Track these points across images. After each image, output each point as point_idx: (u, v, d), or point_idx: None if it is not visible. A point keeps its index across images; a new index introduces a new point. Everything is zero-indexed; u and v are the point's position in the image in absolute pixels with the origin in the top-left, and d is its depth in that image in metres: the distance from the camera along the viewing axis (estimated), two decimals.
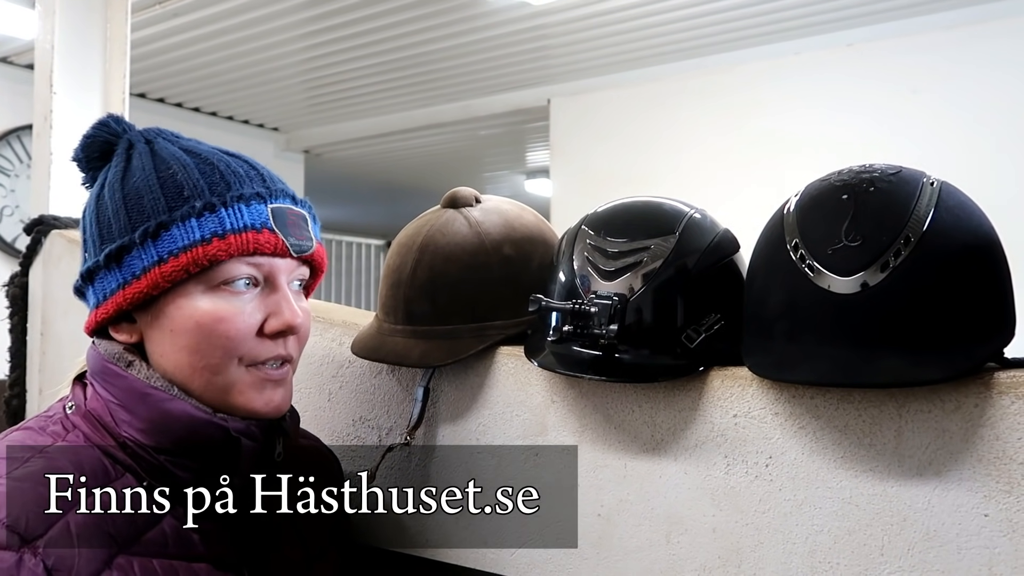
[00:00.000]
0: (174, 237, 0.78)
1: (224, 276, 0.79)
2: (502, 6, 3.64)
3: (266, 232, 0.81)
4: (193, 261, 0.78)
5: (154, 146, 0.85)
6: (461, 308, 1.03)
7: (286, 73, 4.59)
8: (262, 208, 0.82)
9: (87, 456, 0.76)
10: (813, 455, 0.82)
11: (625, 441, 0.93)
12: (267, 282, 0.83)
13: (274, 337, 0.82)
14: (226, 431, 0.79)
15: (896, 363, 0.73)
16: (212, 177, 0.81)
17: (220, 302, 0.80)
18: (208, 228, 0.78)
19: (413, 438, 1.04)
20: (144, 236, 0.78)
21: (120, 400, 0.79)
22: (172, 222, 0.78)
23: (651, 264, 0.90)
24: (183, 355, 0.80)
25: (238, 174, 0.83)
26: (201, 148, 0.86)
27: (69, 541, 0.70)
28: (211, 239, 0.78)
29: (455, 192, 1.10)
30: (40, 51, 1.80)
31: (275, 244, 0.82)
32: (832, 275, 0.77)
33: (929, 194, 0.78)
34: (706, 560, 0.88)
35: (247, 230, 0.80)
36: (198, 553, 0.79)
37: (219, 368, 0.80)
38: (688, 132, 4.27)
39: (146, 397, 0.78)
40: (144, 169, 0.82)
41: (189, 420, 0.78)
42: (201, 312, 0.79)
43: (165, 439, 0.78)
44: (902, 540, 0.77)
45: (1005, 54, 3.49)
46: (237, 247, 0.79)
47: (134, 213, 0.80)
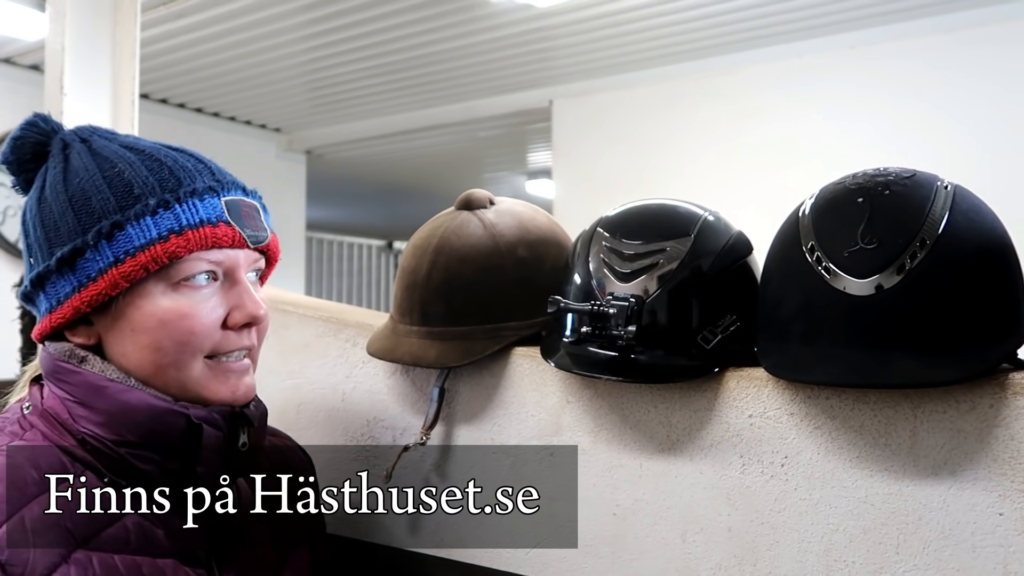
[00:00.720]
0: (130, 236, 0.77)
1: (184, 273, 0.79)
2: (505, 7, 3.65)
3: (222, 225, 0.81)
4: (152, 259, 0.77)
5: (92, 144, 0.84)
6: (476, 309, 1.04)
7: (288, 74, 4.60)
8: (216, 202, 0.82)
9: (44, 454, 0.76)
10: (828, 455, 0.83)
11: (641, 441, 0.94)
12: (227, 276, 0.83)
13: (238, 330, 0.83)
14: (187, 418, 0.79)
15: (911, 364, 0.74)
16: (161, 173, 0.81)
17: (181, 299, 0.80)
18: (164, 225, 0.78)
19: (429, 438, 1.05)
20: (98, 237, 0.77)
21: (76, 396, 0.78)
22: (126, 221, 0.77)
23: (667, 266, 0.91)
24: (146, 353, 0.79)
25: (187, 169, 0.82)
26: (142, 144, 0.85)
27: (24, 537, 0.70)
28: (168, 236, 0.78)
29: (469, 194, 1.11)
30: (51, 53, 1.80)
31: (232, 237, 0.82)
32: (848, 277, 0.78)
33: (944, 197, 0.79)
34: (721, 559, 0.89)
35: (203, 225, 0.80)
36: (163, 549, 0.79)
37: (183, 364, 0.80)
38: (691, 134, 4.29)
39: (102, 390, 0.78)
40: (87, 169, 0.81)
41: (149, 409, 0.78)
42: (163, 310, 0.79)
43: (126, 431, 0.77)
44: (917, 539, 0.78)
45: (1007, 58, 3.50)
46: (196, 242, 0.79)
47: (82, 214, 0.78)
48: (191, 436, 0.79)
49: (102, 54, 1.82)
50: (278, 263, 0.95)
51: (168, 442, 0.79)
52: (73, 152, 0.83)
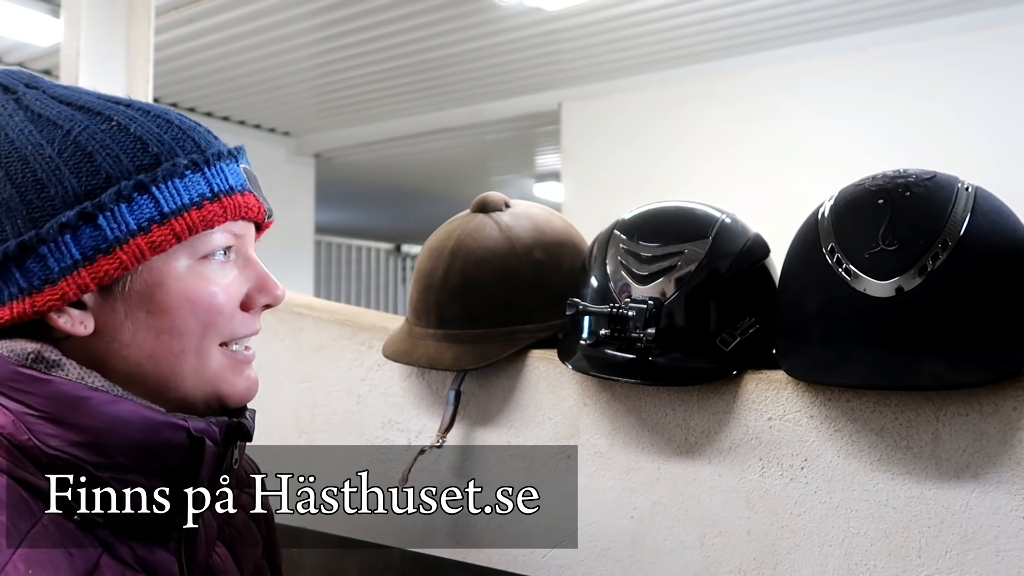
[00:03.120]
0: (157, 201, 0.65)
1: (210, 245, 0.69)
2: (515, 11, 3.65)
3: (248, 195, 0.71)
4: (186, 227, 0.66)
5: (52, 92, 0.69)
6: (493, 312, 1.04)
7: (297, 78, 4.62)
8: (237, 168, 0.71)
9: (2, 489, 0.60)
10: (849, 458, 0.83)
11: (659, 444, 0.94)
12: (239, 252, 0.72)
13: (253, 313, 0.73)
14: (187, 432, 0.66)
15: (935, 366, 0.74)
16: (172, 132, 0.69)
17: (208, 274, 0.69)
18: (196, 190, 0.67)
19: (445, 440, 1.05)
20: (116, 199, 0.64)
21: (44, 411, 0.62)
22: (151, 183, 0.65)
23: (685, 268, 0.90)
24: (165, 339, 0.67)
25: (198, 130, 0.71)
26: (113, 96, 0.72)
27: None
28: (202, 203, 0.67)
29: (485, 197, 1.11)
30: (66, 58, 1.82)
31: (258, 208, 0.72)
32: (869, 279, 0.77)
33: (965, 199, 0.79)
34: (741, 562, 0.88)
35: (233, 192, 0.70)
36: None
37: (204, 351, 0.69)
38: (700, 136, 4.28)
39: (82, 402, 0.62)
40: (72, 118, 0.66)
41: (144, 423, 0.64)
42: (191, 288, 0.67)
43: (113, 451, 0.63)
44: (940, 542, 0.78)
45: (1018, 59, 3.48)
46: (232, 212, 0.69)
47: (83, 173, 0.64)
48: (191, 452, 0.66)
49: (116, 58, 1.83)
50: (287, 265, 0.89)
51: (165, 462, 0.65)
52: (29, 99, 0.68)
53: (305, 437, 1.24)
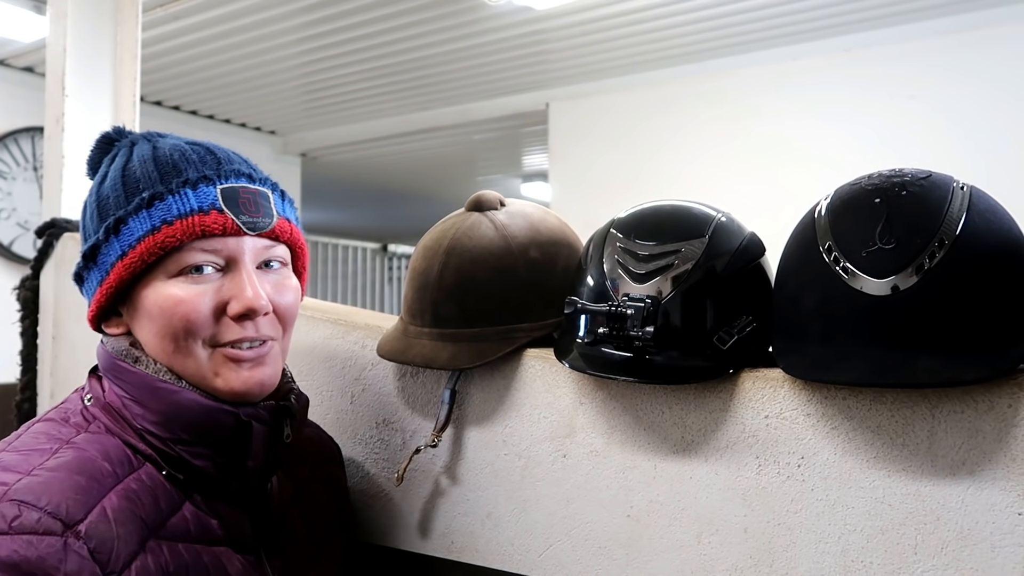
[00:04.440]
0: (131, 229, 0.81)
1: (181, 262, 0.81)
2: (502, 10, 3.65)
3: (214, 213, 0.81)
4: (147, 251, 0.80)
5: (133, 148, 0.87)
6: (488, 311, 1.03)
7: (284, 76, 4.59)
8: (210, 190, 0.82)
9: (112, 445, 0.79)
10: (846, 455, 0.83)
11: (655, 442, 0.94)
12: (229, 264, 0.83)
13: (238, 320, 0.83)
14: (236, 416, 0.82)
15: (932, 364, 0.74)
16: (165, 167, 0.83)
17: (177, 288, 0.81)
18: (157, 216, 0.80)
19: (440, 440, 1.05)
20: (107, 233, 0.82)
21: (132, 395, 0.81)
22: (128, 216, 0.81)
23: (682, 267, 0.91)
24: (157, 341, 0.82)
25: (190, 160, 0.84)
26: (170, 142, 0.88)
27: (108, 525, 0.73)
28: (160, 227, 0.80)
29: (480, 195, 1.10)
30: (52, 54, 1.79)
31: (224, 224, 0.82)
32: (866, 277, 0.78)
33: (960, 198, 0.79)
34: (737, 560, 0.88)
35: (194, 213, 0.81)
36: (217, 537, 0.82)
37: (189, 351, 0.82)
38: (687, 136, 4.29)
39: (157, 391, 0.81)
40: (115, 171, 0.86)
41: (200, 409, 0.81)
42: (162, 298, 0.81)
43: (179, 429, 0.80)
44: (935, 539, 0.79)
45: (1003, 61, 3.52)
46: (184, 231, 0.80)
47: (104, 212, 0.84)
48: (240, 432, 0.82)
49: (103, 56, 1.81)
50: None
51: (219, 439, 0.82)
52: (113, 156, 0.89)
53: None
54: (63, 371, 1.66)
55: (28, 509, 0.69)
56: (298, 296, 0.91)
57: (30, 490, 0.71)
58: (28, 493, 0.70)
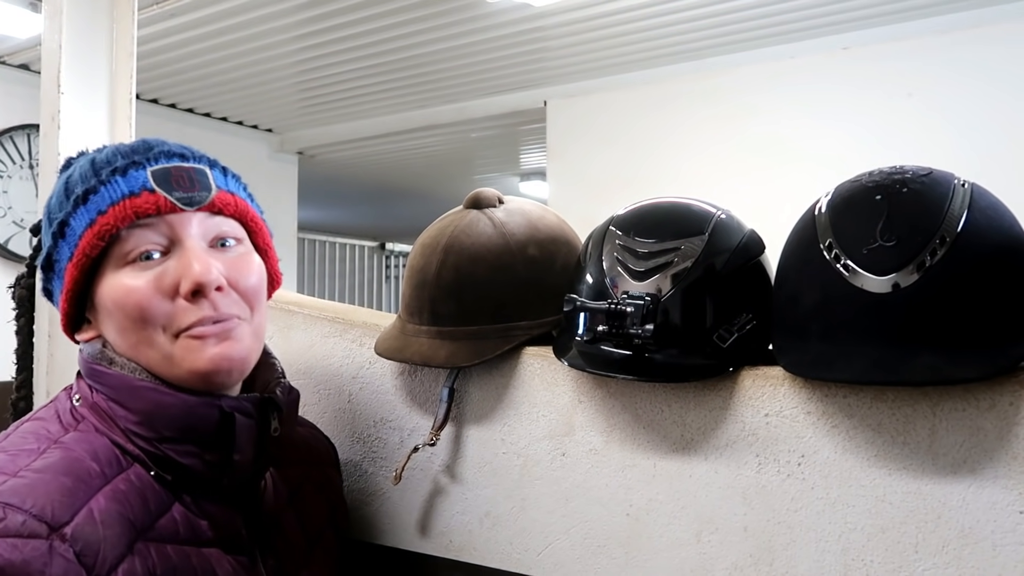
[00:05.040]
0: (73, 228, 0.81)
1: (125, 250, 0.81)
2: (500, 8, 3.64)
3: (144, 194, 0.81)
4: (89, 245, 0.80)
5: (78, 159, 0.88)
6: (487, 309, 1.03)
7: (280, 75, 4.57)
8: (140, 173, 0.82)
9: (101, 445, 0.78)
10: (846, 453, 0.83)
11: (654, 441, 0.93)
12: (174, 245, 0.82)
13: (192, 299, 0.80)
14: (219, 408, 0.80)
15: (933, 361, 0.74)
16: (99, 165, 0.83)
17: (125, 276, 0.81)
18: (93, 209, 0.80)
19: (438, 439, 1.04)
20: (55, 238, 0.82)
21: (113, 396, 0.80)
22: (68, 216, 0.81)
23: (681, 264, 0.90)
24: (120, 337, 0.82)
25: (121, 151, 0.84)
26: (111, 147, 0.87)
27: (94, 527, 0.71)
28: (96, 218, 0.80)
29: (478, 193, 1.10)
30: (47, 51, 1.78)
31: (156, 202, 0.81)
32: (867, 274, 0.77)
33: (962, 195, 0.79)
34: (737, 559, 0.88)
35: (125, 198, 0.80)
36: (207, 539, 0.81)
37: (148, 340, 0.81)
38: (685, 135, 4.29)
39: (135, 391, 0.80)
40: (59, 183, 0.87)
41: (181, 404, 0.79)
42: (114, 289, 0.81)
43: (163, 428, 0.79)
44: (936, 538, 0.78)
45: (1001, 59, 3.52)
46: (118, 216, 0.80)
47: (51, 221, 0.84)
48: (225, 426, 0.81)
49: (99, 53, 1.79)
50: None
51: (204, 434, 0.80)
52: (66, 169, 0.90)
53: None
54: (59, 369, 1.65)
55: (13, 511, 0.68)
56: (261, 273, 0.87)
57: (15, 492, 0.70)
58: (13, 495, 0.69)
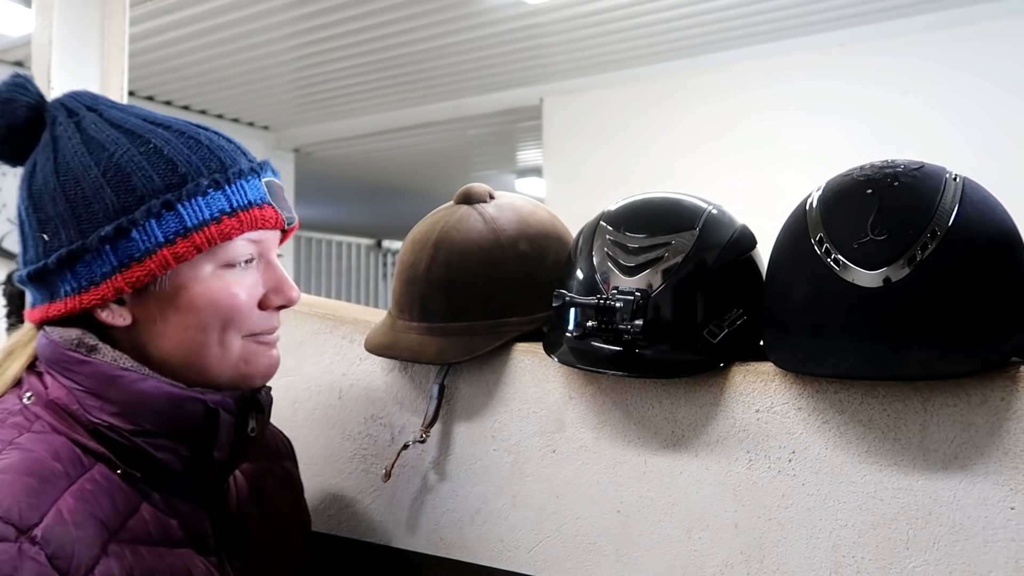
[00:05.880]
0: (181, 217, 0.76)
1: (231, 253, 0.80)
2: (496, 5, 3.63)
3: (267, 207, 0.82)
4: (206, 240, 0.77)
5: (105, 115, 0.81)
6: (477, 304, 1.02)
7: (277, 71, 4.56)
8: (258, 183, 0.82)
9: (60, 444, 0.74)
10: (837, 450, 0.82)
11: (645, 437, 0.93)
12: (261, 257, 0.83)
13: (270, 311, 0.84)
14: (204, 404, 0.78)
15: (925, 356, 0.74)
16: (200, 152, 0.80)
17: (229, 279, 0.80)
18: (216, 207, 0.78)
19: (428, 435, 1.03)
20: (147, 216, 0.75)
21: (87, 387, 0.75)
22: (177, 201, 0.76)
23: (672, 260, 0.90)
24: (191, 333, 0.79)
25: (224, 148, 0.82)
26: (161, 118, 0.83)
27: (65, 528, 0.68)
28: (221, 218, 0.78)
29: (469, 188, 1.09)
30: (37, 47, 1.77)
31: (276, 219, 0.83)
32: (858, 269, 0.77)
33: (953, 189, 0.79)
34: (728, 556, 0.88)
35: (252, 206, 0.80)
36: (178, 539, 0.79)
37: (227, 342, 0.81)
38: (681, 132, 4.29)
39: (116, 380, 0.75)
40: (116, 142, 0.78)
41: (166, 397, 0.76)
42: (212, 290, 0.79)
43: (143, 420, 0.76)
44: (927, 534, 0.78)
45: (997, 55, 3.52)
46: (248, 223, 0.79)
47: (122, 192, 0.76)
48: (208, 421, 0.79)
49: (90, 48, 1.79)
50: None
51: (187, 429, 0.78)
52: (86, 122, 0.80)
53: (286, 433, 1.22)
54: None
55: None
56: None
57: None
58: None
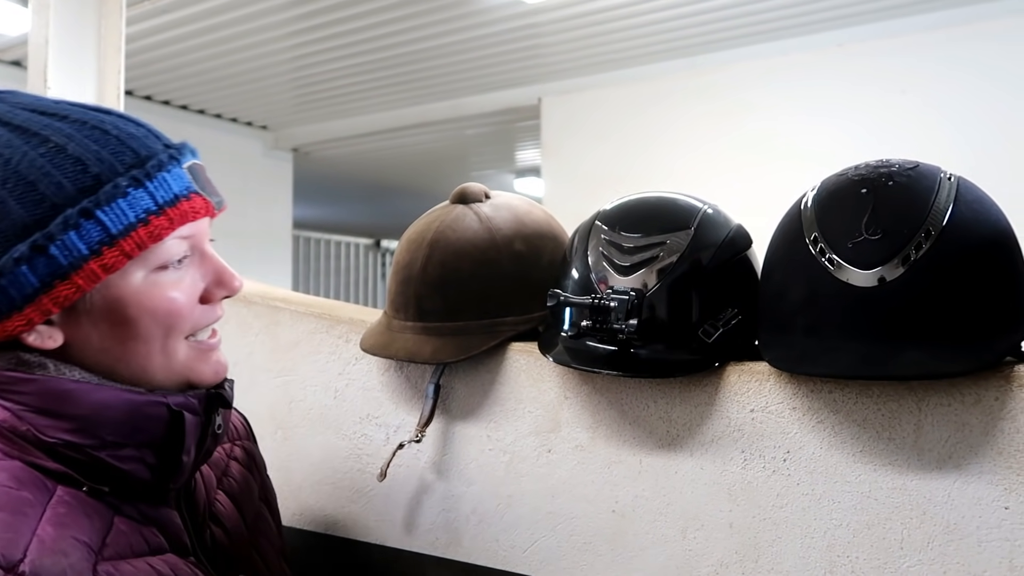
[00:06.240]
0: (103, 224, 0.68)
1: (162, 255, 0.72)
2: (495, 4, 3.63)
3: (194, 197, 0.74)
4: (136, 245, 0.69)
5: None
6: (472, 304, 1.02)
7: (275, 71, 4.56)
8: (180, 171, 0.73)
9: (16, 469, 0.67)
10: (832, 449, 0.82)
11: (640, 437, 0.93)
12: (195, 250, 0.76)
13: (211, 304, 0.77)
14: (167, 407, 0.72)
15: (919, 356, 0.74)
16: (110, 145, 0.70)
17: (164, 282, 0.73)
18: (140, 207, 0.69)
19: (424, 435, 1.03)
20: (64, 228, 0.66)
21: (36, 405, 0.68)
22: (95, 207, 0.67)
23: (667, 259, 0.89)
24: (132, 345, 0.72)
25: (135, 136, 0.72)
26: (57, 107, 0.73)
27: (52, 557, 0.62)
28: (148, 218, 0.70)
29: (465, 188, 1.09)
30: (34, 46, 1.77)
31: (206, 207, 0.75)
32: (853, 268, 0.77)
33: (947, 189, 0.78)
34: (723, 556, 0.88)
35: (179, 200, 0.72)
36: (159, 545, 0.74)
37: (170, 349, 0.74)
38: (679, 131, 4.29)
39: (68, 395, 0.69)
40: (10, 144, 0.68)
41: (126, 404, 0.70)
42: (149, 296, 0.72)
43: (104, 432, 0.69)
44: (922, 533, 0.78)
45: (995, 55, 3.52)
46: (178, 219, 0.72)
47: (29, 204, 0.67)
48: (173, 425, 0.73)
49: (87, 48, 1.78)
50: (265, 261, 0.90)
51: (151, 435, 0.72)
52: None
53: (282, 433, 1.22)
54: None
55: None
56: None
57: None
58: None
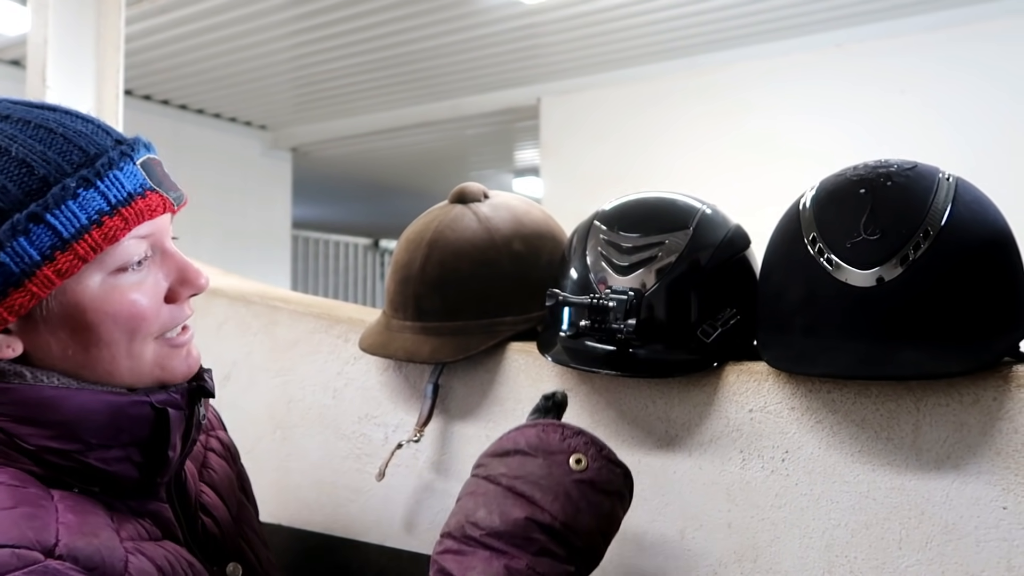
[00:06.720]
0: (54, 228, 0.65)
1: (120, 256, 0.69)
2: (494, 4, 3.63)
3: (149, 194, 0.70)
4: (90, 249, 0.66)
5: None
6: (471, 304, 1.02)
7: (274, 71, 4.56)
8: (133, 168, 0.70)
9: (16, 472, 0.67)
10: (830, 449, 0.82)
11: (639, 436, 0.93)
12: (155, 248, 0.73)
13: (179, 302, 0.75)
14: (150, 405, 0.71)
15: (917, 356, 0.74)
16: (56, 145, 0.68)
17: (124, 284, 0.70)
18: (92, 208, 0.66)
19: (423, 434, 1.03)
20: (12, 234, 0.64)
21: (15, 415, 0.67)
22: (44, 211, 0.65)
23: (665, 259, 0.90)
24: (94, 351, 0.70)
25: (82, 133, 0.70)
26: (3, 107, 0.71)
27: (85, 538, 0.63)
28: (101, 219, 0.67)
29: (463, 188, 1.09)
30: (33, 46, 1.77)
31: (164, 204, 0.72)
32: (851, 268, 0.77)
33: (946, 189, 0.79)
34: (721, 555, 0.88)
35: (133, 198, 0.69)
36: (157, 536, 0.74)
37: (136, 352, 0.72)
38: (678, 131, 4.29)
39: (47, 402, 0.67)
40: None
41: (108, 407, 0.69)
42: (108, 301, 0.69)
43: (88, 436, 0.68)
44: (920, 533, 0.78)
45: (994, 56, 3.52)
46: (134, 219, 0.69)
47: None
48: (157, 422, 0.72)
49: (86, 47, 1.78)
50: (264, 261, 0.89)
51: (136, 434, 0.71)
52: None
53: (280, 432, 1.22)
54: None
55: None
56: None
57: None
58: None
